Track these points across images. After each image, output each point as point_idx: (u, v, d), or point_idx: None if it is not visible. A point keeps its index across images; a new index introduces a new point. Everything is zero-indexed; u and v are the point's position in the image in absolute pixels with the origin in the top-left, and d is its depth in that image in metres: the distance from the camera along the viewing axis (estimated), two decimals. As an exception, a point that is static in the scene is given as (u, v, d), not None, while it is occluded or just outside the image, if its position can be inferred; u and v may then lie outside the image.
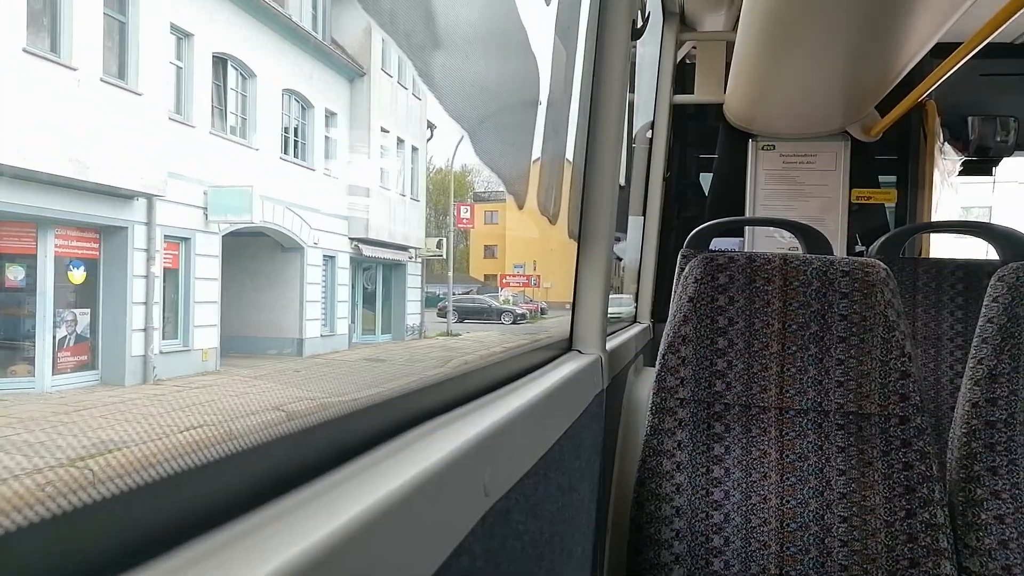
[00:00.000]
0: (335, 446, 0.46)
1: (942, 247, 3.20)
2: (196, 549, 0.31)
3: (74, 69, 3.19)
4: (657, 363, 1.38)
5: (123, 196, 3.84)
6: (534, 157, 1.04)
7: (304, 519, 0.35)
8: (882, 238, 2.33)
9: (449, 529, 0.49)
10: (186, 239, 4.78)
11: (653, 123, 2.80)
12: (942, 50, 1.94)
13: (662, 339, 1.40)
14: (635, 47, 2.05)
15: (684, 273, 1.38)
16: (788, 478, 1.30)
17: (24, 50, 2.84)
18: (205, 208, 4.80)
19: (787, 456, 1.31)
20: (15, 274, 4.11)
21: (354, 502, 0.38)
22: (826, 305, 1.31)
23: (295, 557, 0.31)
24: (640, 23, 1.48)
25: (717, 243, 2.68)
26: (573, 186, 1.27)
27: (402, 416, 0.56)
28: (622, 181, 1.50)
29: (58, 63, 3.04)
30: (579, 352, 1.27)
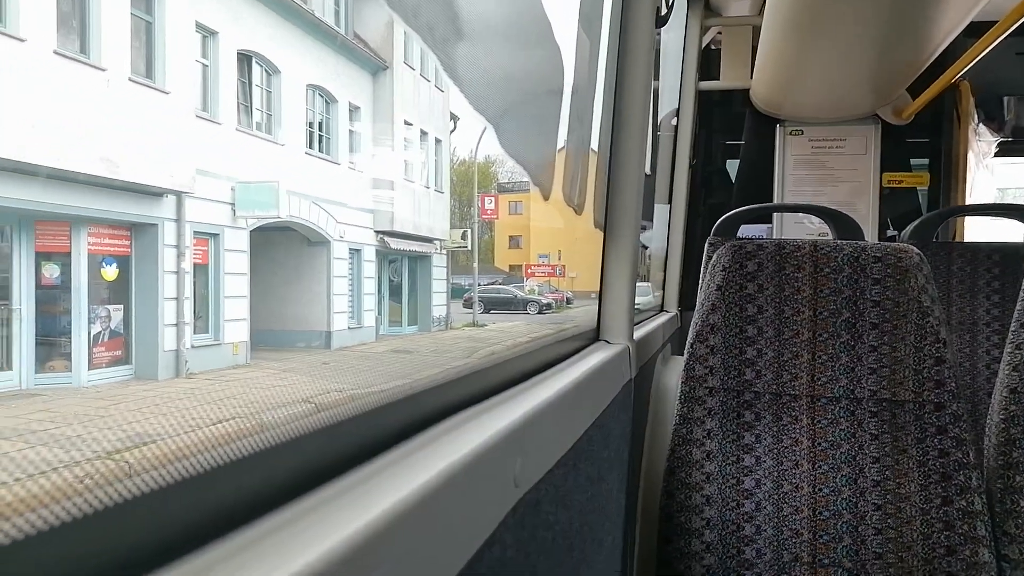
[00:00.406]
0: (366, 440, 0.47)
1: (977, 230, 3.14)
2: (231, 543, 0.32)
3: (103, 70, 3.23)
4: (686, 352, 1.37)
5: (153, 193, 3.89)
6: (559, 147, 1.04)
7: (337, 512, 0.36)
8: (915, 222, 2.28)
9: (480, 520, 0.49)
10: (215, 235, 4.83)
11: (678, 110, 2.77)
12: (976, 29, 1.89)
13: (691, 328, 1.38)
14: (659, 34, 2.02)
15: (712, 261, 1.37)
16: (820, 466, 1.29)
17: (55, 52, 2.89)
18: (233, 204, 4.84)
19: (819, 444, 1.29)
20: (51, 272, 4.20)
21: (386, 495, 0.38)
22: (858, 291, 1.29)
23: (330, 550, 0.31)
24: (664, 10, 1.46)
25: (745, 230, 2.65)
26: (598, 175, 1.26)
27: (432, 409, 0.56)
28: (648, 169, 1.49)
29: (88, 64, 3.09)
30: (607, 342, 1.26)
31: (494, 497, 0.52)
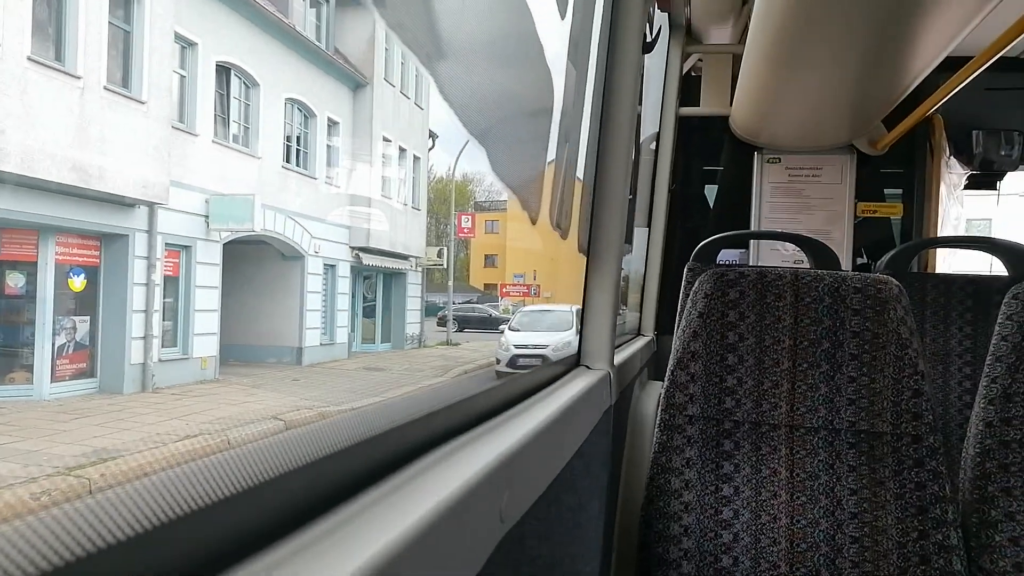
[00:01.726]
0: (348, 476, 0.45)
1: (946, 261, 3.19)
2: None
3: (78, 77, 3.17)
4: (666, 379, 1.36)
5: (125, 204, 3.81)
6: (546, 170, 1.03)
7: (319, 557, 0.34)
8: (891, 253, 2.31)
9: (467, 560, 0.47)
10: (187, 247, 4.75)
11: (659, 134, 2.79)
12: (950, 64, 1.93)
13: (671, 355, 1.38)
14: (643, 60, 2.04)
15: (694, 288, 1.37)
16: (798, 497, 1.28)
17: (29, 58, 2.84)
18: (207, 216, 4.77)
19: (797, 475, 1.29)
20: (15, 281, 4.09)
21: (374, 535, 0.36)
22: (838, 322, 1.29)
23: None
24: (649, 37, 1.47)
25: (721, 254, 2.67)
26: (583, 200, 1.26)
27: (418, 439, 0.54)
28: (629, 193, 1.50)
29: (62, 71, 3.03)
30: (587, 368, 1.25)
31: (481, 534, 0.51)
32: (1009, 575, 1.23)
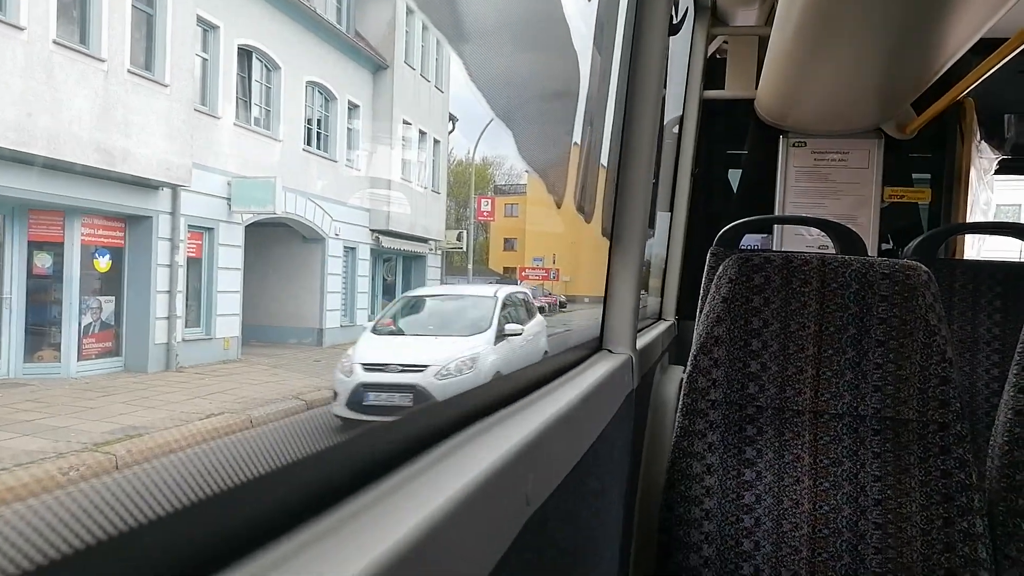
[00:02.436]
0: (378, 456, 0.45)
1: (974, 247, 3.14)
2: (242, 562, 0.30)
3: (102, 60, 3.19)
4: (688, 364, 1.35)
5: (149, 186, 3.85)
6: (572, 153, 1.02)
7: (348, 540, 0.34)
8: (919, 238, 2.28)
9: (493, 542, 0.48)
10: (210, 229, 4.78)
11: (682, 118, 2.76)
12: (984, 46, 1.89)
13: (694, 339, 1.37)
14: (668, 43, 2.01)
15: (718, 273, 1.35)
16: (821, 483, 1.28)
17: (55, 41, 2.86)
18: (229, 198, 4.80)
19: (821, 461, 1.28)
20: (43, 261, 4.16)
21: (403, 516, 0.36)
22: (865, 308, 1.28)
23: None
24: (676, 19, 1.45)
25: (744, 239, 2.64)
26: (607, 182, 1.25)
27: (443, 423, 0.55)
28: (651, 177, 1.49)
29: (87, 54, 3.06)
30: (610, 351, 1.25)
31: (507, 515, 0.51)
32: None
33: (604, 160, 1.22)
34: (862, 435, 1.27)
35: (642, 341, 1.53)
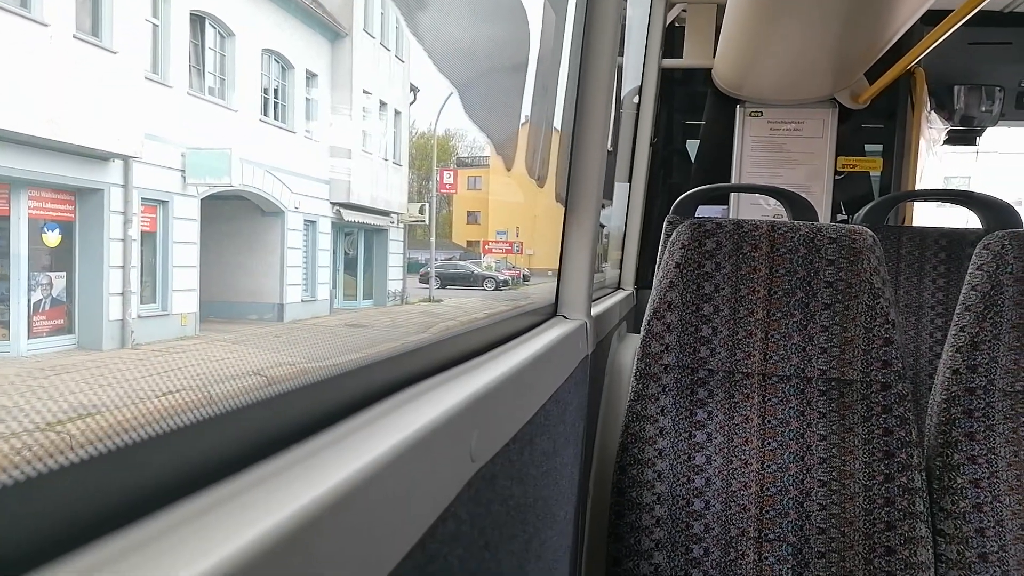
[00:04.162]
0: (319, 411, 0.45)
1: (924, 215, 3.22)
2: (176, 514, 0.30)
3: (46, 25, 3.09)
4: (642, 329, 1.38)
5: (99, 157, 3.75)
6: (523, 119, 1.02)
7: (287, 485, 0.34)
8: (868, 206, 2.33)
9: (436, 494, 0.48)
10: (164, 202, 4.69)
11: (641, 87, 2.76)
12: (933, 17, 1.92)
13: (647, 305, 1.39)
14: (625, 8, 2.01)
15: (671, 239, 1.37)
16: (769, 443, 1.31)
17: (-9, 3, 2.73)
18: (183, 170, 4.71)
19: (769, 422, 1.32)
20: (-12, 236, 4.02)
21: (338, 467, 0.37)
22: (812, 272, 1.31)
23: (279, 523, 0.30)
24: None
25: (702, 211, 2.68)
26: (561, 150, 1.25)
27: (387, 381, 0.55)
28: (609, 146, 1.49)
29: (29, 18, 2.94)
30: (564, 317, 1.26)
31: (450, 471, 0.51)
32: (968, 515, 1.27)
33: (559, 120, 1.22)
34: (808, 396, 1.31)
35: (598, 308, 1.54)
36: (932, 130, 3.05)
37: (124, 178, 4.11)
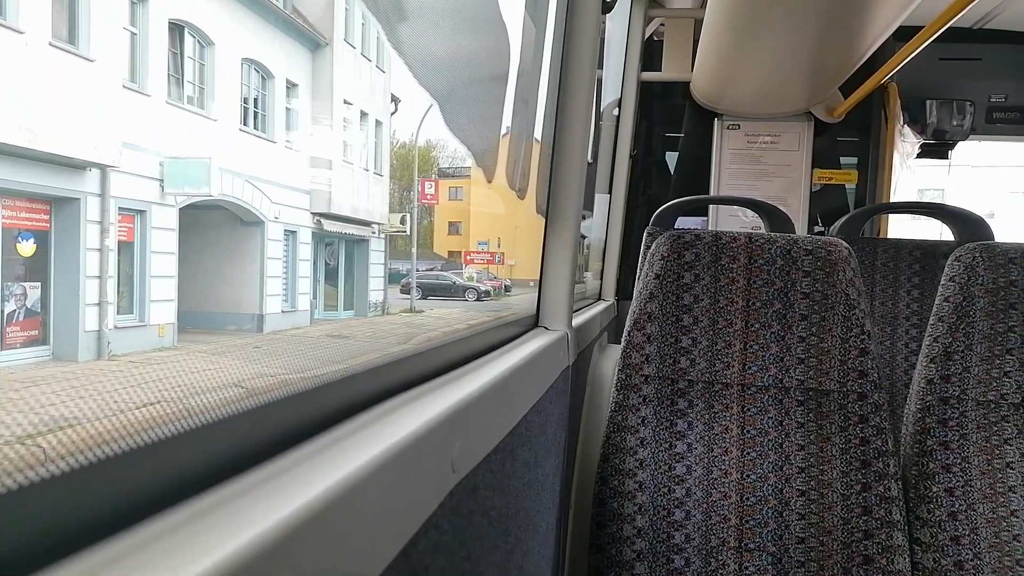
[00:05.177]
0: (300, 422, 0.45)
1: (898, 228, 3.27)
2: (156, 527, 0.30)
3: (21, 32, 3.05)
4: (623, 340, 1.38)
5: (75, 166, 3.70)
6: (503, 131, 1.03)
7: (268, 497, 0.34)
8: (843, 218, 2.37)
9: (418, 505, 0.48)
10: (142, 211, 4.64)
11: (620, 100, 2.79)
12: (905, 33, 1.97)
13: (628, 316, 1.40)
14: (604, 22, 2.03)
15: (651, 250, 1.39)
16: (748, 453, 1.33)
17: (-33, 11, 2.70)
18: (161, 180, 4.67)
19: (748, 432, 1.33)
20: (-40, 246, 3.95)
21: (319, 479, 0.37)
22: (789, 283, 1.32)
23: (260, 535, 0.30)
24: None
25: (681, 222, 2.70)
26: (542, 161, 1.26)
27: (368, 392, 0.55)
28: (589, 158, 1.50)
29: (3, 25, 2.91)
30: (546, 328, 1.27)
31: (432, 481, 0.52)
32: (944, 523, 1.29)
33: (539, 132, 1.23)
34: (787, 406, 1.32)
35: (580, 319, 1.55)
36: (905, 143, 3.11)
37: (101, 187, 4.06)
